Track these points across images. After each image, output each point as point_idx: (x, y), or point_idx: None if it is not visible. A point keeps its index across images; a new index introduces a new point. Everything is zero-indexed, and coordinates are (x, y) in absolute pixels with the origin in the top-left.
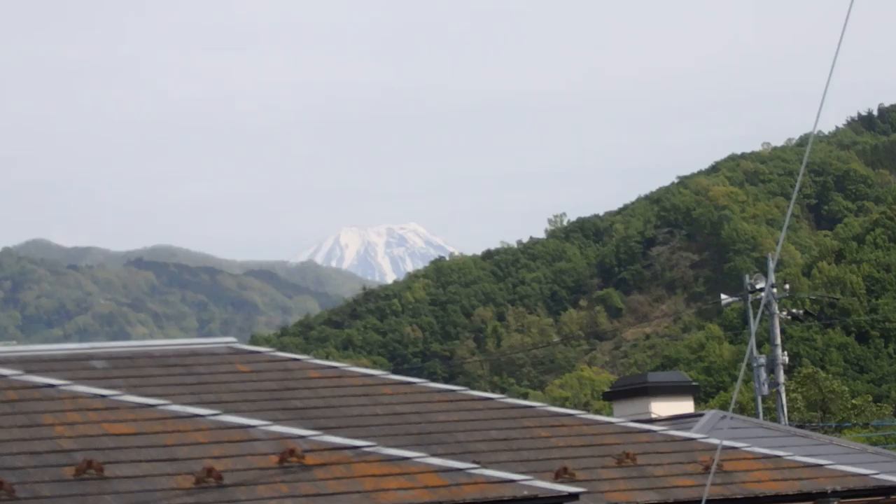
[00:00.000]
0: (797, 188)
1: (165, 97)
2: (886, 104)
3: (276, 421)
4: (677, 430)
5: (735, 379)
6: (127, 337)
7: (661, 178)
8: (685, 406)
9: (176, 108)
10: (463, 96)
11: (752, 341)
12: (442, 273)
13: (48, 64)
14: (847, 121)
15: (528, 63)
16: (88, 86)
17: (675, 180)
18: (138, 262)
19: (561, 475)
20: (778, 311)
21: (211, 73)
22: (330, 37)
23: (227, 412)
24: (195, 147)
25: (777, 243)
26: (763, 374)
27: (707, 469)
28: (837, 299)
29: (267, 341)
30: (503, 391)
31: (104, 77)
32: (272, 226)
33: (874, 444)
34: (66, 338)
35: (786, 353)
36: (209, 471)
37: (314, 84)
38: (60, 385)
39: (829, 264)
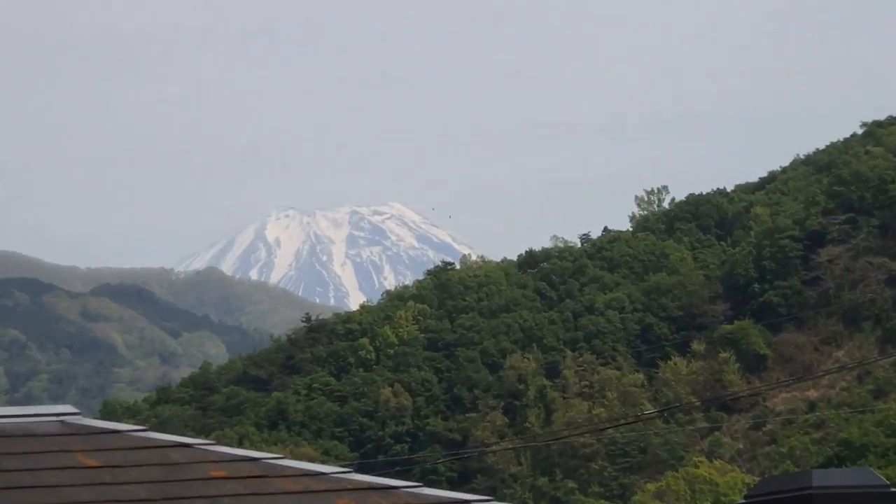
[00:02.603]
0: None
1: None
2: None
3: None
4: None
5: None
6: None
7: (833, 127)
8: None
9: None
10: None
11: None
12: (448, 291)
13: None
14: None
15: None
16: None
17: (859, 130)
18: None
19: None
20: None
21: None
22: None
23: None
24: None
25: None
26: None
27: None
28: None
29: (131, 412)
30: None
31: None
32: (144, 213)
33: None
34: None
35: None
36: None
37: None
38: None
39: None
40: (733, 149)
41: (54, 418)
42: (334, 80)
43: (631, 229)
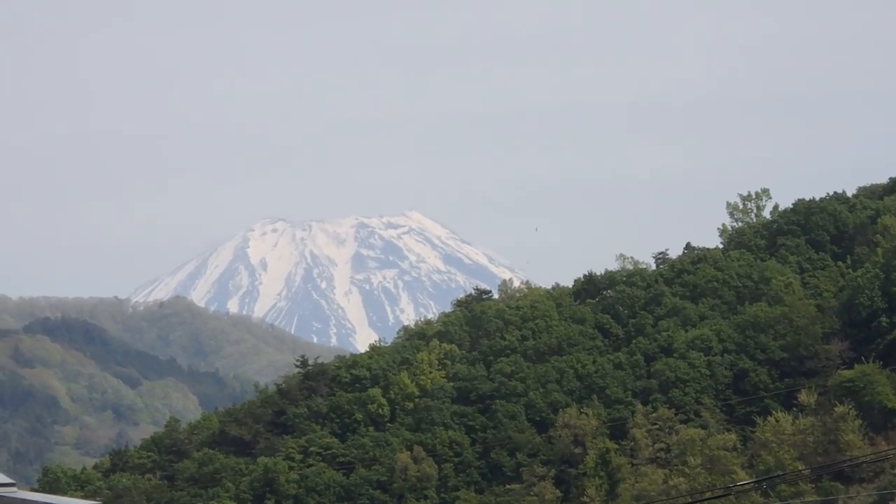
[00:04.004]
0: None
1: None
2: None
3: None
4: None
5: None
6: None
7: None
8: None
9: None
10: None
11: None
12: (483, 327)
13: None
14: None
15: None
16: None
17: None
18: None
19: None
20: None
21: None
22: None
23: None
24: None
25: None
26: None
27: None
28: None
29: (79, 483)
30: None
31: None
32: (91, 226)
33: None
34: None
35: None
36: None
37: None
38: None
39: None
40: (857, 139)
41: None
42: (333, 55)
43: (721, 246)
